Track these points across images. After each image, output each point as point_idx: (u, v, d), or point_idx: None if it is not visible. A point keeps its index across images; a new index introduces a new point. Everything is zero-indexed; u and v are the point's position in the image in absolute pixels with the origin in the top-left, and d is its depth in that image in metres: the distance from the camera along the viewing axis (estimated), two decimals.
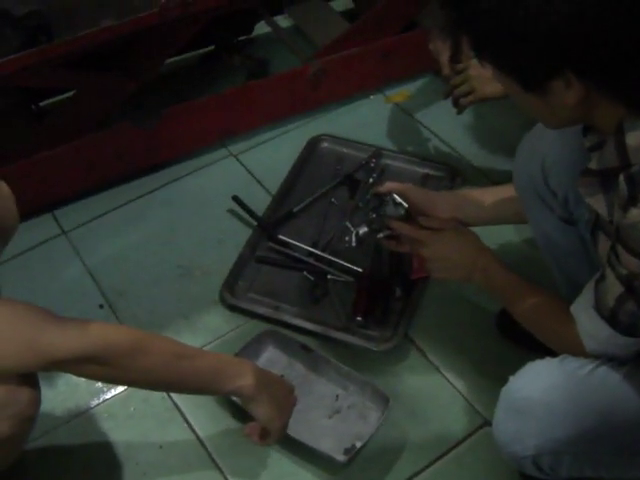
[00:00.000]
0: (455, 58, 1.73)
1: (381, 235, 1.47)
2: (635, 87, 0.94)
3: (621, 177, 0.95)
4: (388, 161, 2.01)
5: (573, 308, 1.13)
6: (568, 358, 1.13)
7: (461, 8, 0.97)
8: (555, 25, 0.90)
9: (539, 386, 1.11)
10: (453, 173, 1.97)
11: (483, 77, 1.65)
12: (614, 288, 1.01)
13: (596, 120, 1.02)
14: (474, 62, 1.67)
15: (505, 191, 1.42)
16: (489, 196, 1.45)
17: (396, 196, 1.44)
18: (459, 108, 1.76)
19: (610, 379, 1.09)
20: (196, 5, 1.66)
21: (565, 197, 1.25)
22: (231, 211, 1.89)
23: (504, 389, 1.16)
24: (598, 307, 1.06)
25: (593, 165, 1.02)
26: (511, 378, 1.15)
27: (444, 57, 1.74)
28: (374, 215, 1.47)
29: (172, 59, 2.15)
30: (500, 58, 1.00)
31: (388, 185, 1.46)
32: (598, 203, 1.02)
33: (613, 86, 0.95)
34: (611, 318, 1.04)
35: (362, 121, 2.15)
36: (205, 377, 1.24)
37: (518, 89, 1.01)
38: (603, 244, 1.05)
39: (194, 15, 1.71)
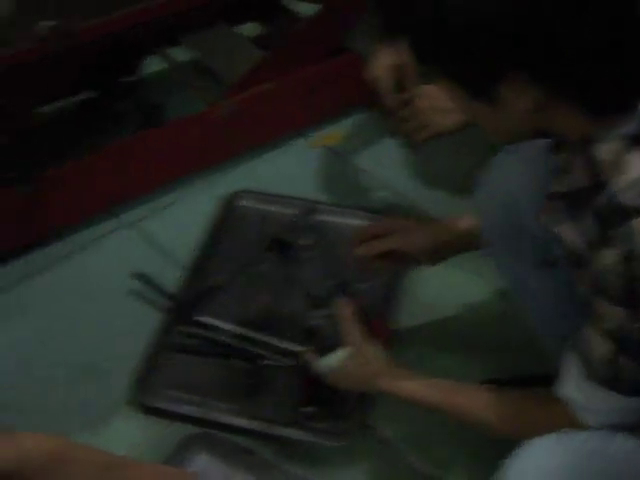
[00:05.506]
0: (400, 86, 1.86)
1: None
2: (601, 91, 1.03)
3: (589, 212, 1.04)
4: (324, 217, 2.16)
5: (561, 391, 1.21)
6: (569, 433, 1.19)
7: (395, 15, 1.11)
8: (486, 20, 0.99)
9: (544, 469, 1.16)
10: None
11: (436, 108, 1.76)
12: (602, 347, 1.10)
13: (556, 132, 1.11)
14: (422, 90, 1.80)
15: None
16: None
17: None
18: (414, 147, 1.90)
19: (629, 447, 1.17)
20: (83, 36, 1.79)
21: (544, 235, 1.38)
22: (132, 292, 2.00)
23: (498, 476, 1.21)
24: (593, 376, 1.15)
25: (559, 187, 1.13)
26: (505, 462, 1.21)
27: (386, 85, 1.88)
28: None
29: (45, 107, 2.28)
30: (444, 64, 1.11)
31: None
32: (567, 232, 1.12)
33: (574, 92, 1.04)
34: (614, 382, 1.13)
35: (288, 171, 2.32)
36: None
37: (464, 95, 1.12)
38: (582, 283, 1.14)
39: (80, 49, 1.83)
